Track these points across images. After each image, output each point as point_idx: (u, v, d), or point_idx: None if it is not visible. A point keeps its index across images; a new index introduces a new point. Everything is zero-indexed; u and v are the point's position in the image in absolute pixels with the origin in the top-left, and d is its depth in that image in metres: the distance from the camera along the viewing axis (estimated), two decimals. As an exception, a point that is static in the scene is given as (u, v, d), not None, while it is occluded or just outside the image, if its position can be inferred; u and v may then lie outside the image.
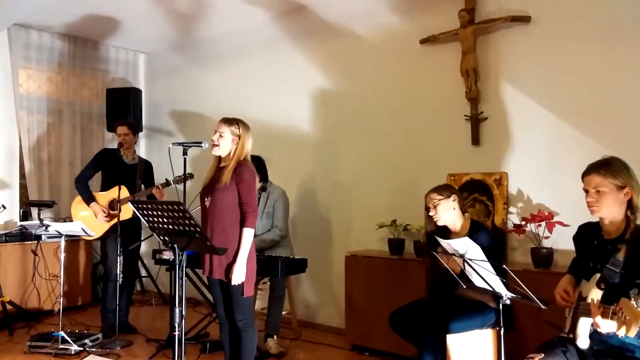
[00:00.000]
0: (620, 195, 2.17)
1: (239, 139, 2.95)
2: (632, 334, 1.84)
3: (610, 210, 2.20)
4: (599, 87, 3.38)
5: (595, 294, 2.13)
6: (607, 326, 1.96)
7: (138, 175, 4.51)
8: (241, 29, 5.44)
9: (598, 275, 2.16)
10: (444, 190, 3.05)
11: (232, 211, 2.89)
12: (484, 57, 3.86)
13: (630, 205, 2.18)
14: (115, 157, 4.48)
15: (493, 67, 3.84)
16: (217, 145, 2.95)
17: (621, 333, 1.87)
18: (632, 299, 1.86)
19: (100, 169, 4.58)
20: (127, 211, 4.24)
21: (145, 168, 4.63)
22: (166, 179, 4.22)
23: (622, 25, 3.30)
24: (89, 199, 4.41)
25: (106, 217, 4.36)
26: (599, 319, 1.96)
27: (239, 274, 2.84)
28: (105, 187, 4.51)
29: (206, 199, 2.95)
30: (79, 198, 4.50)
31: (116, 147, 4.51)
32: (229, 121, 2.98)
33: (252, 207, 2.90)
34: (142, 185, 4.56)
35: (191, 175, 3.94)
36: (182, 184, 3.73)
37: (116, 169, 4.42)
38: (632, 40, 3.26)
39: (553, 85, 3.57)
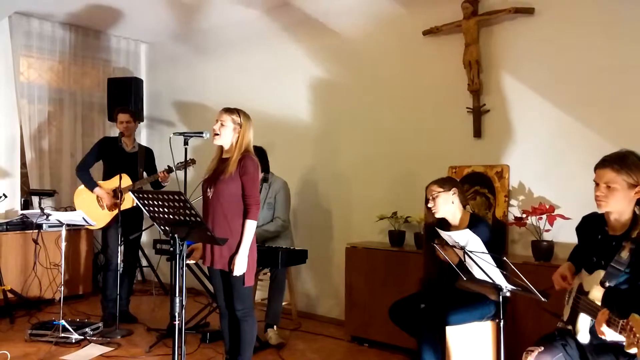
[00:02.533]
0: (630, 193, 2.11)
1: (240, 127, 2.96)
2: None
3: (618, 207, 2.15)
4: (602, 80, 3.36)
5: (597, 291, 2.11)
6: (613, 336, 1.92)
7: (139, 163, 4.50)
8: (243, 20, 5.41)
9: (602, 273, 2.13)
10: (445, 183, 3.02)
11: (234, 203, 2.90)
12: (487, 49, 3.83)
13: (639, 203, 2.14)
14: (115, 145, 4.48)
15: (496, 59, 3.82)
16: (219, 135, 2.96)
17: (631, 351, 1.82)
18: None
19: (101, 157, 4.58)
20: (129, 200, 4.24)
21: (146, 155, 4.62)
22: (168, 166, 4.22)
23: (627, 18, 3.27)
24: (91, 184, 4.41)
25: (112, 198, 4.35)
26: (604, 328, 1.92)
27: (241, 265, 2.85)
28: (107, 177, 4.51)
29: (209, 190, 2.95)
30: (80, 189, 4.50)
31: (116, 135, 4.50)
32: (230, 110, 2.99)
33: (255, 199, 2.91)
34: (145, 173, 4.55)
35: (193, 161, 3.94)
36: (184, 170, 3.74)
37: (117, 157, 4.42)
38: (636, 33, 3.23)
39: (556, 77, 3.55)
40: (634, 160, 2.12)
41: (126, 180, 4.29)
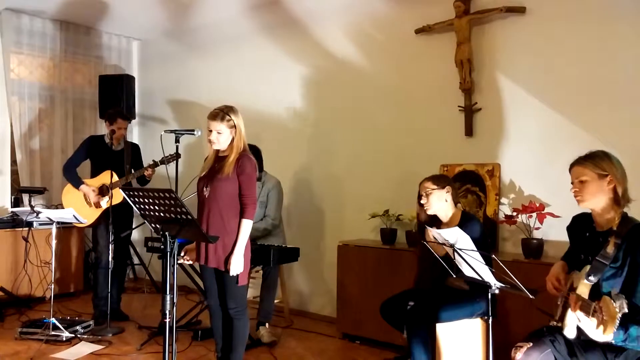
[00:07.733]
0: (603, 184, 2.20)
1: (236, 128, 2.94)
2: (608, 334, 1.85)
3: (597, 200, 2.22)
4: (593, 78, 3.38)
5: (584, 287, 2.14)
6: (586, 323, 1.96)
7: (126, 160, 4.47)
8: (234, 17, 5.40)
9: (588, 268, 2.17)
10: (440, 180, 3.04)
11: (231, 202, 2.89)
12: (479, 47, 3.85)
13: (616, 194, 2.20)
14: (102, 144, 4.47)
15: (488, 58, 3.83)
16: (217, 143, 2.93)
17: (599, 333, 1.88)
18: (613, 298, 1.87)
19: (89, 156, 4.56)
20: (117, 196, 4.22)
21: (132, 151, 4.59)
22: (153, 160, 4.18)
23: (618, 16, 3.29)
24: (77, 182, 4.38)
25: (97, 195, 4.33)
26: (578, 313, 1.98)
27: (237, 265, 2.85)
28: (94, 175, 4.48)
29: (205, 189, 2.94)
30: (67, 187, 4.47)
31: (103, 134, 4.48)
32: (220, 116, 2.91)
33: (251, 198, 2.90)
34: (132, 170, 4.53)
35: (178, 155, 3.91)
36: (169, 164, 3.74)
37: (104, 156, 4.42)
38: (628, 32, 3.26)
39: (547, 76, 3.57)
40: (601, 155, 2.25)
41: (114, 178, 4.26)
